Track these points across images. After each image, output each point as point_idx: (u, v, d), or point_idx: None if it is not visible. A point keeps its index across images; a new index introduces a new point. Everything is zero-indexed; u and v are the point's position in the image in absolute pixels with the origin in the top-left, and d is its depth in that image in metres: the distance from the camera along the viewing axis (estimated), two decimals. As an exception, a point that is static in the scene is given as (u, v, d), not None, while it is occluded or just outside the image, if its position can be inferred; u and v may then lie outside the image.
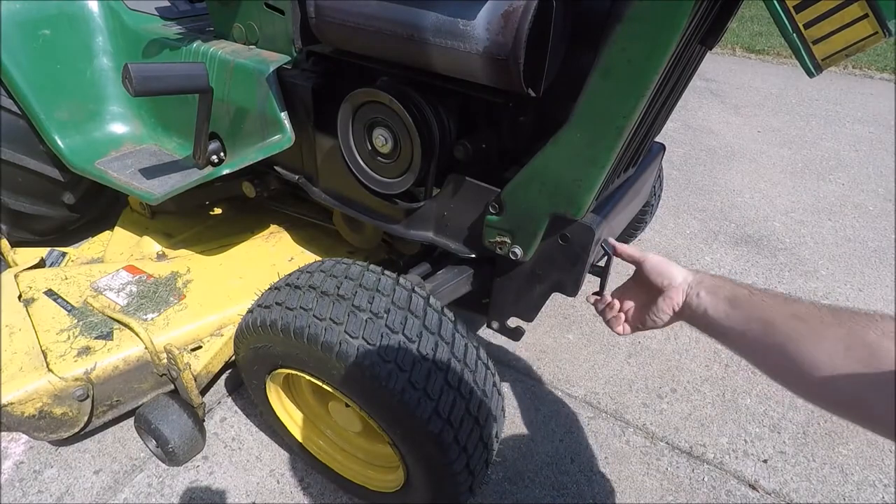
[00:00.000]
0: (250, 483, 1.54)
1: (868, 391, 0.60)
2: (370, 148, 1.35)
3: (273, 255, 1.92)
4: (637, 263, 0.96)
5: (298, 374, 1.25)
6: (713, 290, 0.82)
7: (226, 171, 1.55)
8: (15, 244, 1.97)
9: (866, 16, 0.78)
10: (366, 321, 1.07)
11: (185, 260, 1.85)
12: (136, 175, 1.77)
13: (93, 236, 2.12)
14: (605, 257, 1.22)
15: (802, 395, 0.70)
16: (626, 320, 1.00)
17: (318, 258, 1.87)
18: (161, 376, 1.53)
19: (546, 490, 1.57)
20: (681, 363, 2.02)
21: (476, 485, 1.23)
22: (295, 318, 1.12)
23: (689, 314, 0.86)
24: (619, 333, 1.00)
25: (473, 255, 1.40)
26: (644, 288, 0.94)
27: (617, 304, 1.01)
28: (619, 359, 2.02)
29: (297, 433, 1.49)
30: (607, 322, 1.02)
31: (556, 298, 2.16)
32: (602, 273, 1.34)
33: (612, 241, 1.03)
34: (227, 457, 1.61)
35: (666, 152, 1.86)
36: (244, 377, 1.45)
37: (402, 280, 1.18)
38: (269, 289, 1.27)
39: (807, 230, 2.91)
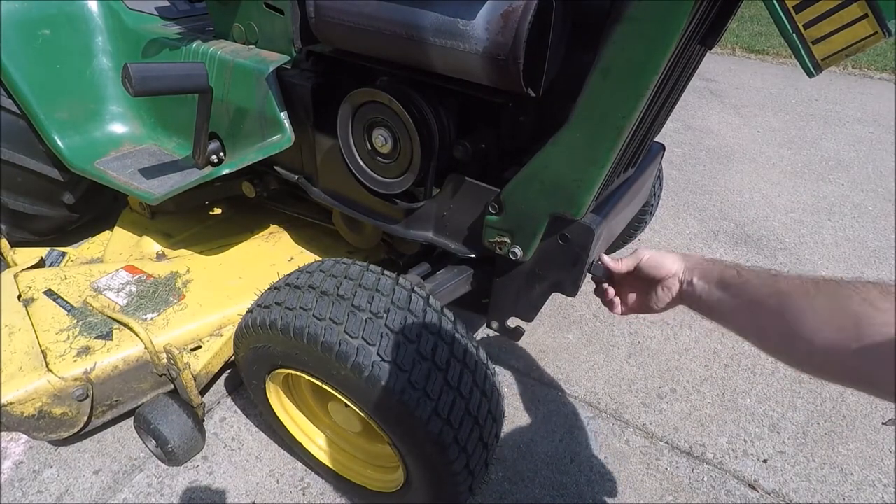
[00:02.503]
0: (250, 483, 1.54)
1: (862, 360, 0.60)
2: (370, 148, 1.35)
3: (273, 255, 1.92)
4: (634, 268, 1.01)
5: (298, 374, 1.25)
6: (705, 276, 0.85)
7: (225, 171, 1.55)
8: (15, 244, 1.97)
9: (866, 16, 0.78)
10: (365, 321, 1.07)
11: (184, 260, 1.85)
12: (136, 175, 1.77)
13: (92, 236, 2.12)
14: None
15: (804, 370, 0.71)
16: (624, 304, 1.05)
17: (318, 258, 1.87)
18: (161, 376, 1.53)
19: (546, 490, 1.57)
20: (680, 363, 2.02)
21: (476, 485, 1.23)
22: (295, 318, 1.12)
23: (686, 300, 0.90)
24: (616, 314, 1.07)
25: (473, 255, 1.40)
26: (642, 280, 0.99)
27: (613, 294, 1.07)
28: (619, 359, 2.02)
29: (296, 433, 1.49)
30: (605, 304, 1.08)
31: (556, 298, 2.17)
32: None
33: (604, 260, 1.09)
34: (226, 457, 1.61)
35: (666, 152, 1.86)
36: (244, 377, 1.45)
37: (401, 280, 1.18)
38: (269, 289, 1.27)
39: (806, 230, 2.91)
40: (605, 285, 1.08)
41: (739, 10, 1.17)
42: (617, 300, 1.06)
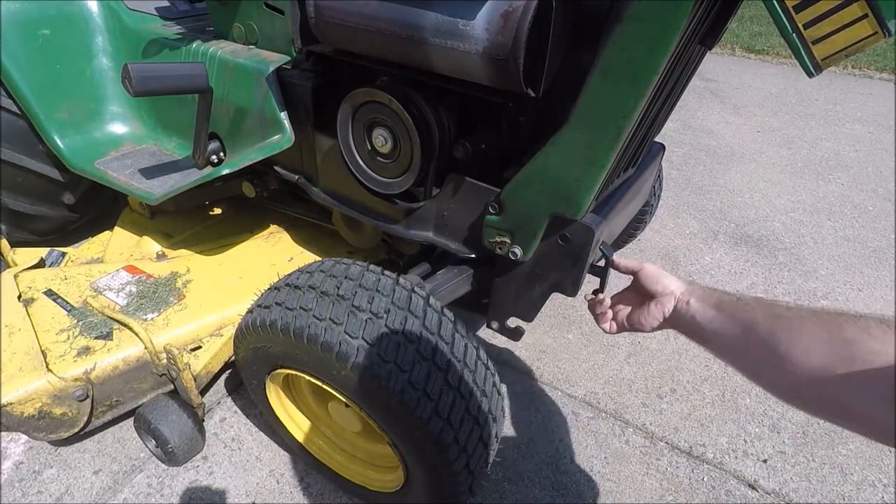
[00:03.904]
0: (250, 483, 1.54)
1: (849, 389, 0.59)
2: (370, 148, 1.35)
3: (273, 255, 1.92)
4: (634, 273, 1.02)
5: (298, 374, 1.25)
6: (702, 298, 0.87)
7: (225, 171, 1.55)
8: (15, 244, 1.97)
9: (866, 16, 0.78)
10: (365, 321, 1.07)
11: (184, 260, 1.85)
12: (136, 175, 1.77)
13: (93, 236, 2.12)
14: (604, 258, 1.22)
15: (784, 397, 0.70)
16: (615, 320, 1.05)
17: (318, 258, 1.87)
18: (161, 376, 1.53)
19: (546, 490, 1.57)
20: (680, 363, 2.02)
21: (476, 485, 1.23)
22: (295, 319, 1.12)
23: (677, 321, 0.91)
24: (604, 331, 1.07)
25: (473, 255, 1.40)
26: (639, 293, 1.00)
27: (608, 302, 1.07)
28: (619, 359, 2.02)
29: (296, 433, 1.49)
30: (595, 317, 1.09)
31: (556, 298, 2.17)
32: (602, 273, 1.34)
33: (613, 257, 1.09)
34: (226, 457, 1.61)
35: (666, 152, 1.86)
36: (244, 377, 1.45)
37: (401, 280, 1.18)
38: (269, 289, 1.27)
39: (806, 230, 2.91)
40: (601, 295, 1.09)
41: (739, 10, 1.17)
42: (609, 314, 1.06)
